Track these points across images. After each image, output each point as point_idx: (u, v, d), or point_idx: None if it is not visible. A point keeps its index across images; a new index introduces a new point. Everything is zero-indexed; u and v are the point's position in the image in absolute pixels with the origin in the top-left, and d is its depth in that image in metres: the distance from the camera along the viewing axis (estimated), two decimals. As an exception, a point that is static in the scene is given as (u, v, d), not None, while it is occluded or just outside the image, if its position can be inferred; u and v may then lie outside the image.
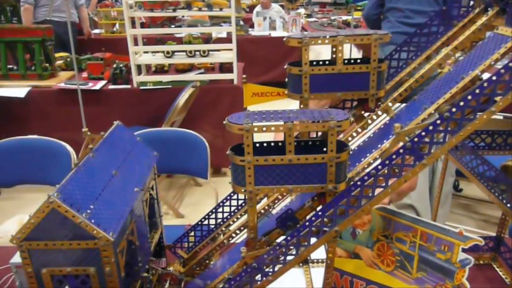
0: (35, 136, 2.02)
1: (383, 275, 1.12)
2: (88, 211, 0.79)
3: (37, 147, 1.99)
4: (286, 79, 0.94)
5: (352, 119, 1.00)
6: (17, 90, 2.97)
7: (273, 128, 0.77)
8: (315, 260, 1.31)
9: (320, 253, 1.31)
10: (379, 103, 0.96)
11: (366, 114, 1.01)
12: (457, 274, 1.02)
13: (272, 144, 0.86)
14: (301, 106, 0.92)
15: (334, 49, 0.90)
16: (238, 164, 0.80)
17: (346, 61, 0.91)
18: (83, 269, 0.82)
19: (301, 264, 1.29)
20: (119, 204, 0.88)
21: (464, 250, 1.01)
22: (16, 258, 1.04)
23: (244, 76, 1.10)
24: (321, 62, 0.93)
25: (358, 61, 0.91)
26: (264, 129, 0.77)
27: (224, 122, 0.80)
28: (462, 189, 3.19)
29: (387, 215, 1.10)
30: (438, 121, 0.71)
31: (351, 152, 0.99)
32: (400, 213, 1.09)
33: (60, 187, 0.78)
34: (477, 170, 1.09)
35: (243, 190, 0.81)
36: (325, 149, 0.79)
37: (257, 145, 0.85)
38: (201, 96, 2.98)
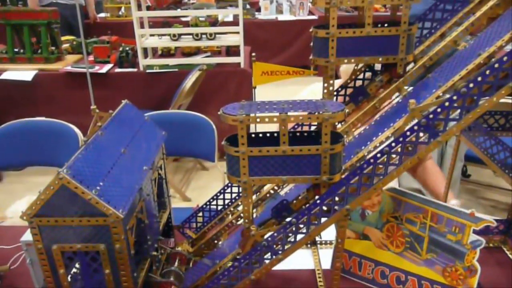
0: (43, 118, 2.02)
1: (392, 256, 1.11)
2: (98, 188, 0.78)
3: (45, 129, 1.99)
4: (312, 43, 0.91)
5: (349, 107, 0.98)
6: (24, 73, 2.97)
7: (267, 119, 0.77)
8: (323, 242, 1.31)
9: (328, 235, 1.30)
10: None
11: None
12: (467, 255, 1.02)
13: (268, 134, 0.86)
14: (328, 72, 0.89)
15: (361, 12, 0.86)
16: (232, 155, 0.80)
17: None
18: (93, 246, 0.82)
19: (309, 245, 1.29)
20: (128, 182, 0.87)
21: (474, 233, 1.00)
22: (27, 236, 1.04)
23: (253, 54, 1.08)
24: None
25: (386, 25, 0.88)
26: (258, 120, 0.77)
27: (218, 112, 0.80)
28: (470, 174, 3.17)
29: (397, 196, 1.09)
30: (455, 97, 0.69)
31: (362, 132, 0.99)
32: (410, 194, 1.08)
33: (69, 164, 0.78)
34: (491, 150, 1.07)
35: (237, 180, 0.81)
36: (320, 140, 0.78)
37: (253, 135, 0.85)
38: (207, 79, 2.95)
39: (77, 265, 0.91)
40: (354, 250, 1.16)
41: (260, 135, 0.86)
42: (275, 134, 0.82)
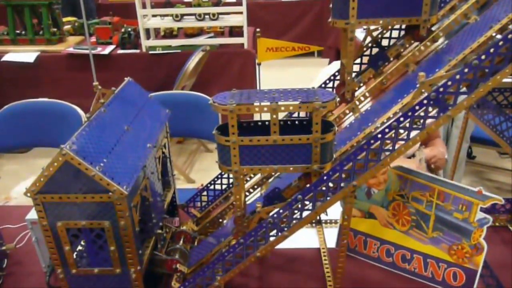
0: (46, 99, 2.01)
1: (398, 234, 1.11)
2: (101, 164, 0.77)
3: (48, 110, 1.98)
4: (331, 4, 0.88)
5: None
6: (26, 55, 2.94)
7: (257, 109, 0.76)
8: (328, 221, 1.30)
9: (333, 214, 1.30)
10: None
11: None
12: (474, 233, 1.01)
13: (259, 123, 0.85)
14: (348, 34, 0.85)
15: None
16: (223, 144, 0.79)
17: None
18: (97, 222, 0.82)
19: (314, 225, 1.28)
20: (132, 159, 0.87)
21: (481, 211, 0.99)
22: (32, 215, 1.05)
23: (257, 30, 1.06)
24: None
25: None
26: (248, 110, 0.76)
27: (209, 102, 0.80)
28: (475, 156, 3.15)
29: (403, 174, 1.08)
30: (466, 70, 0.67)
31: (368, 108, 0.97)
32: (417, 172, 1.06)
33: (72, 139, 0.77)
34: (500, 127, 1.05)
35: (228, 170, 0.81)
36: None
37: (244, 124, 0.84)
38: (211, 60, 2.92)
39: (82, 243, 0.92)
40: (360, 229, 1.15)
41: (252, 123, 0.86)
42: (267, 123, 0.82)
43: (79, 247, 0.90)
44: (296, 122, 0.86)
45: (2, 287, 1.10)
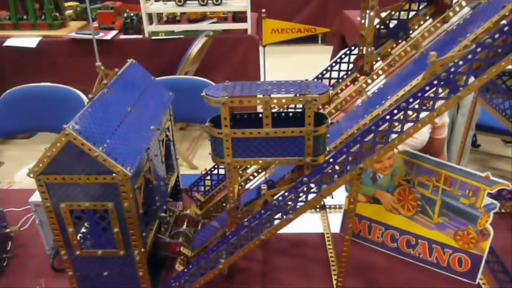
0: (49, 84, 2.00)
1: (403, 219, 1.10)
2: (105, 145, 0.76)
3: (51, 94, 1.97)
4: None
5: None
6: (28, 40, 2.92)
7: (249, 102, 0.76)
8: (332, 206, 1.29)
9: (337, 199, 1.29)
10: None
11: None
12: (480, 219, 1.00)
13: (253, 115, 0.85)
14: (370, 3, 0.83)
15: None
16: (216, 137, 0.79)
17: None
18: (101, 204, 0.81)
19: (318, 210, 1.28)
20: (135, 140, 0.85)
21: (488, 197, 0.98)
22: (35, 197, 1.04)
23: (263, 10, 1.04)
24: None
25: None
26: (240, 102, 0.76)
27: (202, 94, 0.80)
28: (480, 144, 3.13)
29: (410, 159, 1.07)
30: (478, 49, 0.65)
31: (376, 91, 0.95)
32: (424, 157, 1.05)
33: (75, 120, 0.75)
34: (510, 111, 1.03)
35: (221, 162, 0.81)
36: None
37: (238, 116, 0.85)
38: (214, 46, 2.89)
39: (86, 225, 0.91)
40: (364, 214, 1.14)
41: (245, 115, 0.86)
42: (260, 115, 0.81)
43: (83, 229, 0.90)
44: (290, 114, 0.86)
45: (7, 269, 1.10)
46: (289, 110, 0.86)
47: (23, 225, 1.22)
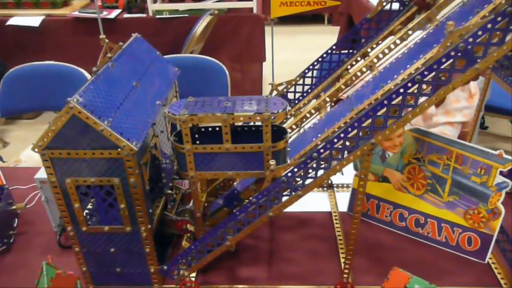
0: (53, 62, 1.97)
1: (412, 198, 1.08)
2: (110, 119, 0.75)
3: (55, 73, 1.95)
4: None
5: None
6: (31, 19, 2.88)
7: (209, 120, 0.79)
8: (339, 185, 1.28)
9: (345, 178, 1.27)
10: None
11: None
12: (492, 197, 0.98)
13: (217, 128, 0.89)
14: None
15: None
16: (179, 151, 0.83)
17: None
18: (107, 179, 0.80)
19: (325, 189, 1.26)
20: (141, 116, 0.84)
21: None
22: (41, 174, 1.03)
23: (272, -18, 1.00)
24: None
25: None
26: (200, 120, 0.79)
27: (164, 110, 0.84)
28: (488, 126, 3.09)
29: (420, 137, 1.04)
30: (499, 18, 0.62)
31: (387, 66, 0.92)
32: (434, 135, 1.03)
33: (79, 93, 0.74)
34: (525, 88, 1.00)
35: (185, 175, 0.85)
36: None
37: (203, 129, 0.89)
38: (219, 25, 2.84)
39: (92, 201, 0.90)
40: (373, 193, 1.13)
41: (210, 129, 0.90)
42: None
43: (89, 205, 0.89)
44: (253, 128, 0.89)
45: (13, 246, 1.10)
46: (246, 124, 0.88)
47: (29, 203, 1.21)
